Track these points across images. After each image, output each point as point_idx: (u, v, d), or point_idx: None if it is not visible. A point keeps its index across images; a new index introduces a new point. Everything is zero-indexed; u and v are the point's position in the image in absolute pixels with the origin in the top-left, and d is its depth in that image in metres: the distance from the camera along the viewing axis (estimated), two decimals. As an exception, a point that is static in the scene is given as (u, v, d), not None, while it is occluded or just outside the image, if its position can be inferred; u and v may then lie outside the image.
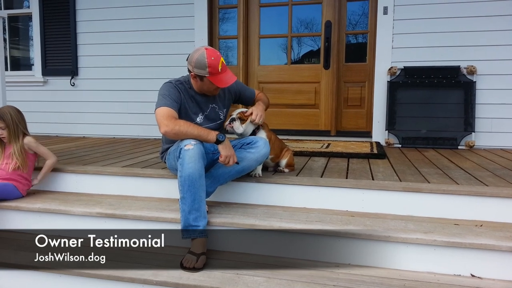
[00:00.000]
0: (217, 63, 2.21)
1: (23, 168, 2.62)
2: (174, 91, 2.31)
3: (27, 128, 2.71)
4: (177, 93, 2.32)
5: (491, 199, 2.18)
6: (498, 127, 3.95)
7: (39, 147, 2.71)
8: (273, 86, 4.73)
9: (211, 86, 2.30)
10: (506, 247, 1.85)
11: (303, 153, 3.40)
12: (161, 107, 2.23)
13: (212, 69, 2.21)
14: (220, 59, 2.23)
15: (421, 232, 1.99)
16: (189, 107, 2.38)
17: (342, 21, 4.47)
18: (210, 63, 2.19)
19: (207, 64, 2.20)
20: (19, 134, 2.62)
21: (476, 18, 3.92)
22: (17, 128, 2.61)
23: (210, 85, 2.29)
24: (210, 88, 2.32)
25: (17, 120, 2.61)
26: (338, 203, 2.37)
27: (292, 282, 1.83)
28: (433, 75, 4.03)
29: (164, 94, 2.29)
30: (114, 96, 4.94)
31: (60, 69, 5.09)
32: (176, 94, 2.31)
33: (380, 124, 4.25)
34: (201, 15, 4.62)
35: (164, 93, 2.30)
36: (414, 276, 1.88)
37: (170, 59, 4.66)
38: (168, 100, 2.26)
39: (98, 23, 4.90)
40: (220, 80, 2.24)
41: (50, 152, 2.75)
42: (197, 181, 2.06)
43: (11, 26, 5.52)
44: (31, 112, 5.08)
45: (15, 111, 2.64)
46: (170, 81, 2.39)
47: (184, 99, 2.36)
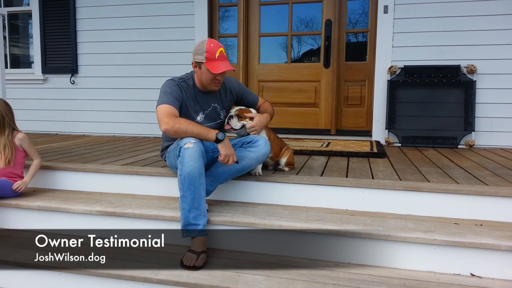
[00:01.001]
0: (215, 50, 2.24)
1: (11, 163, 2.59)
2: (176, 89, 2.32)
3: (14, 122, 2.67)
4: (179, 90, 2.32)
5: (491, 199, 2.18)
6: (498, 126, 3.95)
7: (31, 146, 2.69)
8: (273, 85, 4.72)
9: (208, 75, 2.29)
10: (506, 247, 1.86)
11: (303, 152, 3.40)
12: (162, 105, 2.23)
13: (210, 54, 2.24)
14: (219, 47, 2.26)
15: (421, 231, 1.99)
16: (190, 105, 2.38)
17: (343, 19, 4.46)
18: (208, 48, 2.24)
19: (205, 49, 2.24)
20: (5, 126, 2.58)
21: (477, 17, 3.92)
22: (4, 120, 2.57)
23: (207, 73, 2.29)
24: (208, 78, 2.31)
25: (4, 112, 2.57)
26: (338, 202, 2.37)
27: (292, 280, 1.83)
28: (433, 74, 4.03)
29: (166, 92, 2.29)
30: (114, 94, 4.93)
31: (60, 67, 5.08)
32: (177, 92, 2.31)
33: (380, 123, 4.25)
34: (201, 13, 4.61)
35: (166, 90, 2.30)
36: (414, 275, 1.89)
37: (170, 57, 4.65)
38: (169, 97, 2.26)
39: (98, 21, 4.90)
40: (215, 66, 2.25)
41: (38, 153, 2.73)
42: (197, 180, 2.06)
43: (11, 24, 5.51)
44: (31, 110, 5.12)
45: (2, 103, 2.60)
46: (173, 78, 2.39)
47: (186, 97, 2.36)
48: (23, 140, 2.65)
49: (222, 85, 2.51)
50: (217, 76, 2.30)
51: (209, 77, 2.30)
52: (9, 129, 2.62)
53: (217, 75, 2.28)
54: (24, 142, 2.65)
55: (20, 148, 2.65)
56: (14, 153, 2.61)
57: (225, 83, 2.54)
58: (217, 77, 2.31)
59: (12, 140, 2.61)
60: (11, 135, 2.62)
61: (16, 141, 2.63)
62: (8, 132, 2.61)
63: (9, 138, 2.60)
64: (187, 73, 2.47)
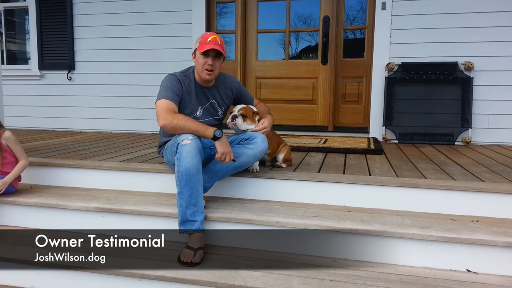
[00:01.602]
0: (208, 36, 2.32)
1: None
2: (177, 84, 2.32)
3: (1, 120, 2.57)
4: (179, 85, 2.33)
5: (487, 195, 2.20)
6: (495, 123, 3.96)
7: (17, 145, 2.54)
8: (270, 81, 4.72)
9: (200, 60, 2.32)
10: (502, 242, 1.87)
11: (300, 148, 3.40)
12: (162, 100, 2.23)
13: (203, 39, 2.32)
14: (213, 35, 2.31)
15: (417, 227, 2.00)
16: (189, 100, 2.39)
17: (340, 16, 4.45)
18: (203, 36, 2.34)
19: (201, 37, 2.33)
20: None
21: (474, 14, 3.92)
22: None
23: (199, 58, 2.32)
24: (200, 63, 2.33)
25: None
26: (335, 198, 2.37)
27: (289, 276, 1.84)
28: (431, 71, 4.03)
29: (167, 86, 2.29)
30: (111, 90, 4.91)
31: (57, 63, 5.06)
32: (178, 87, 2.31)
33: (377, 120, 4.26)
34: (199, 10, 4.59)
35: (167, 85, 2.30)
36: (411, 271, 1.90)
37: (167, 54, 4.64)
38: (169, 92, 2.26)
39: (95, 17, 4.87)
40: (202, 47, 2.28)
41: (25, 153, 2.59)
42: (195, 176, 2.06)
43: (7, 20, 5.48)
44: (28, 107, 5.10)
45: None
46: (174, 73, 2.40)
47: (186, 91, 2.36)
48: (8, 139, 2.50)
49: (223, 82, 2.52)
50: (208, 61, 2.30)
51: (201, 62, 2.32)
52: None
53: (208, 59, 2.29)
54: (10, 141, 2.51)
55: (7, 147, 2.51)
56: (1, 153, 2.49)
57: (226, 81, 2.55)
58: (208, 62, 2.31)
59: None
60: None
61: (2, 140, 2.49)
62: None
63: None
64: (188, 68, 2.48)
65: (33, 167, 2.78)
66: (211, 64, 2.32)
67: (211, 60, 2.31)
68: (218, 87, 2.51)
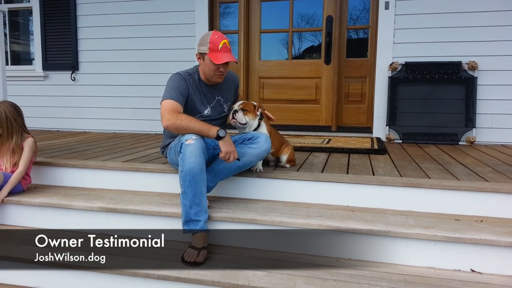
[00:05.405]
0: (218, 41, 2.26)
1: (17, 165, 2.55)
2: (182, 83, 2.32)
3: (24, 125, 2.64)
4: (185, 85, 2.32)
5: (491, 195, 2.19)
6: (499, 123, 3.95)
7: (28, 154, 2.58)
8: (274, 81, 4.72)
9: (211, 66, 2.30)
10: (506, 243, 1.86)
11: (303, 148, 3.40)
12: (167, 100, 2.24)
13: (213, 45, 2.25)
14: (223, 39, 2.27)
15: (421, 227, 1.99)
16: (196, 99, 2.39)
17: (343, 16, 4.45)
18: (212, 39, 2.26)
19: (209, 40, 2.26)
20: (13, 132, 2.55)
21: (478, 13, 3.90)
22: (12, 126, 2.54)
23: (210, 64, 2.29)
24: (211, 69, 2.31)
25: (12, 117, 2.53)
26: (338, 198, 2.37)
27: (292, 276, 1.84)
28: (434, 71, 4.02)
29: (173, 86, 2.29)
30: (115, 91, 4.93)
31: (61, 64, 5.08)
32: (183, 87, 2.31)
33: (380, 120, 4.25)
34: (202, 10, 4.60)
35: (173, 85, 2.30)
36: (414, 271, 1.89)
37: (171, 54, 4.65)
38: (175, 92, 2.26)
39: (99, 18, 4.89)
40: (217, 57, 2.26)
41: (27, 164, 2.59)
42: (198, 176, 2.07)
43: (12, 21, 5.50)
44: (32, 107, 5.11)
45: (10, 108, 2.54)
46: (179, 72, 2.40)
47: (192, 90, 2.36)
48: (27, 145, 2.58)
49: (226, 77, 2.52)
50: (220, 68, 2.30)
51: (212, 68, 2.31)
52: (18, 134, 2.57)
53: (220, 66, 2.29)
54: (27, 147, 2.58)
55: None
56: (19, 156, 2.57)
57: (230, 77, 2.56)
58: (220, 68, 2.31)
59: (20, 144, 2.58)
60: (19, 139, 2.57)
61: (25, 145, 2.59)
62: (17, 137, 2.56)
63: (17, 143, 2.56)
64: (192, 67, 2.48)
65: (37, 167, 2.80)
66: (223, 71, 2.34)
67: (223, 68, 2.32)
68: (222, 83, 2.50)
